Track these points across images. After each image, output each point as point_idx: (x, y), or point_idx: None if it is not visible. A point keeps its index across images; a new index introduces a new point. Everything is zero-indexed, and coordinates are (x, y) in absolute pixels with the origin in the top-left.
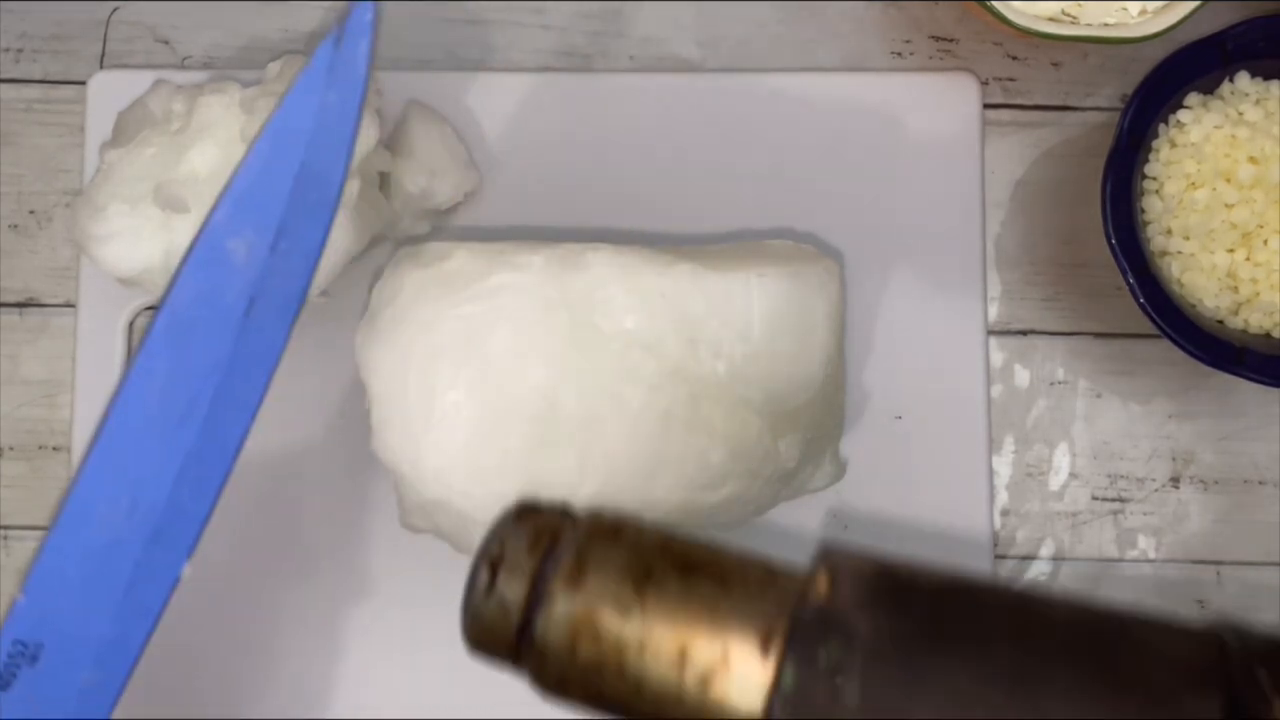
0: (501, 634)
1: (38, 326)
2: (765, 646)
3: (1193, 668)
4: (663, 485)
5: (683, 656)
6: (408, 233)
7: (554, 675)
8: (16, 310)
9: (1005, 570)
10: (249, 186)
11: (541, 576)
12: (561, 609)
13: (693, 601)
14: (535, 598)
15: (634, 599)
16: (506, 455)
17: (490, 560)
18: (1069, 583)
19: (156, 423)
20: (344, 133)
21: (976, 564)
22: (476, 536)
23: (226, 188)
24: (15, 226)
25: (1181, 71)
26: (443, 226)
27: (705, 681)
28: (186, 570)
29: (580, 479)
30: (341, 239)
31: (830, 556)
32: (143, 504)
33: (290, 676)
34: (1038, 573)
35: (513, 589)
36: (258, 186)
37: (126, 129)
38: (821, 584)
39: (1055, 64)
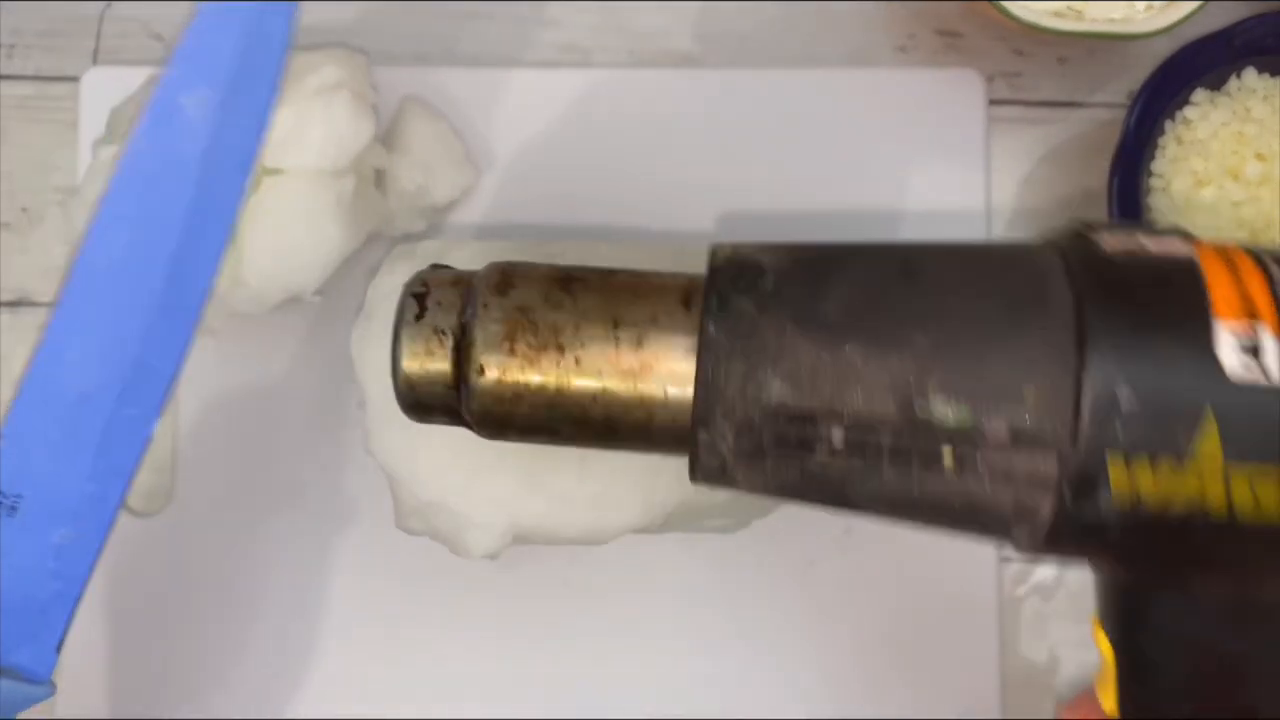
0: (437, 360)
1: (31, 325)
2: (687, 300)
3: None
4: (663, 486)
5: (615, 325)
6: (404, 230)
7: (492, 390)
8: (9, 309)
9: (1011, 571)
10: (199, 46)
11: (470, 294)
12: (495, 313)
13: (616, 288)
14: (468, 314)
15: (562, 293)
16: (503, 457)
17: (415, 294)
18: (1075, 585)
19: (121, 276)
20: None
21: (980, 564)
22: (473, 539)
23: (178, 46)
24: (8, 224)
25: (1188, 67)
26: (439, 224)
27: (639, 341)
28: (156, 429)
29: (580, 480)
30: (336, 236)
31: (721, 245)
32: (111, 359)
33: (287, 677)
34: (1043, 575)
35: (444, 313)
36: (206, 45)
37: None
38: (722, 251)
39: (1061, 60)
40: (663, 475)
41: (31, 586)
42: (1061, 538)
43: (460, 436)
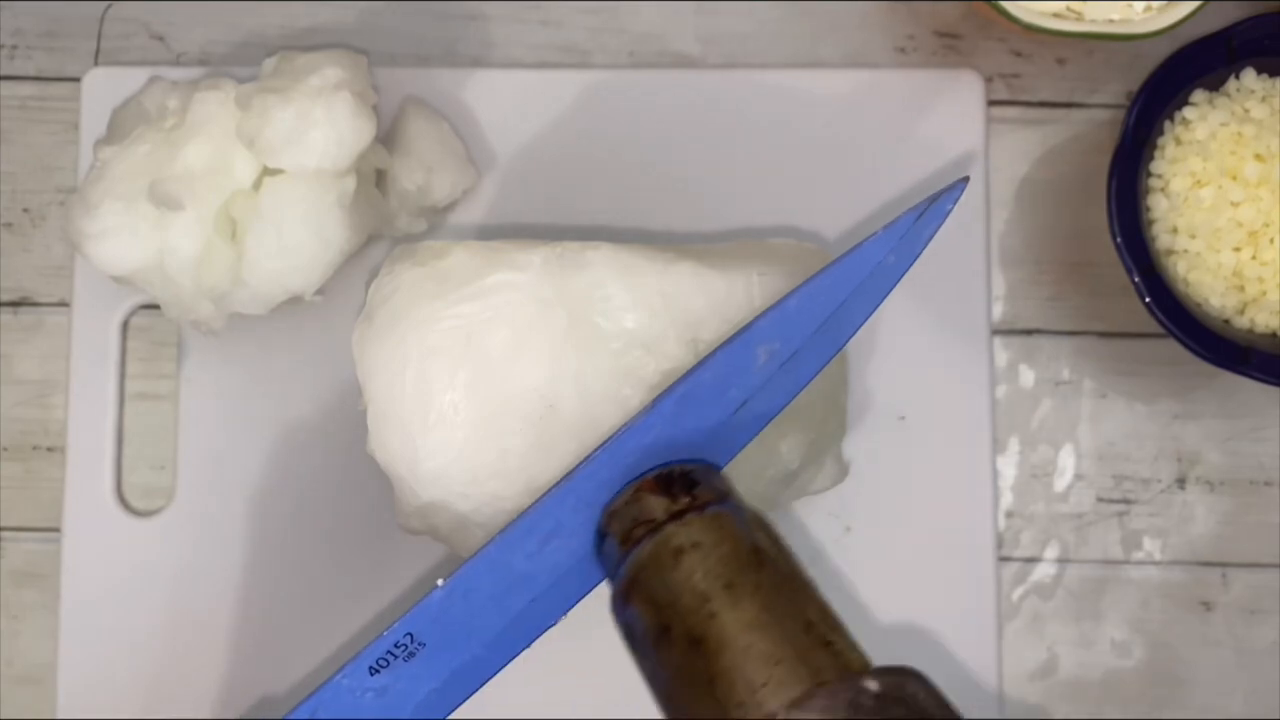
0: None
1: (32, 326)
2: None
3: None
4: None
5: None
6: (405, 230)
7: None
8: (11, 309)
9: (1010, 572)
10: (798, 306)
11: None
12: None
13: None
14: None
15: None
16: (505, 456)
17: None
18: (1074, 585)
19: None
20: (882, 291)
21: (980, 563)
22: (474, 538)
23: (780, 301)
24: (9, 225)
25: (1187, 68)
26: (440, 224)
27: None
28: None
29: None
30: (337, 236)
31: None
32: (562, 551)
33: (287, 677)
34: (1042, 575)
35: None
36: (803, 309)
37: (121, 126)
38: None
39: (1060, 60)
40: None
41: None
42: None
43: (460, 436)
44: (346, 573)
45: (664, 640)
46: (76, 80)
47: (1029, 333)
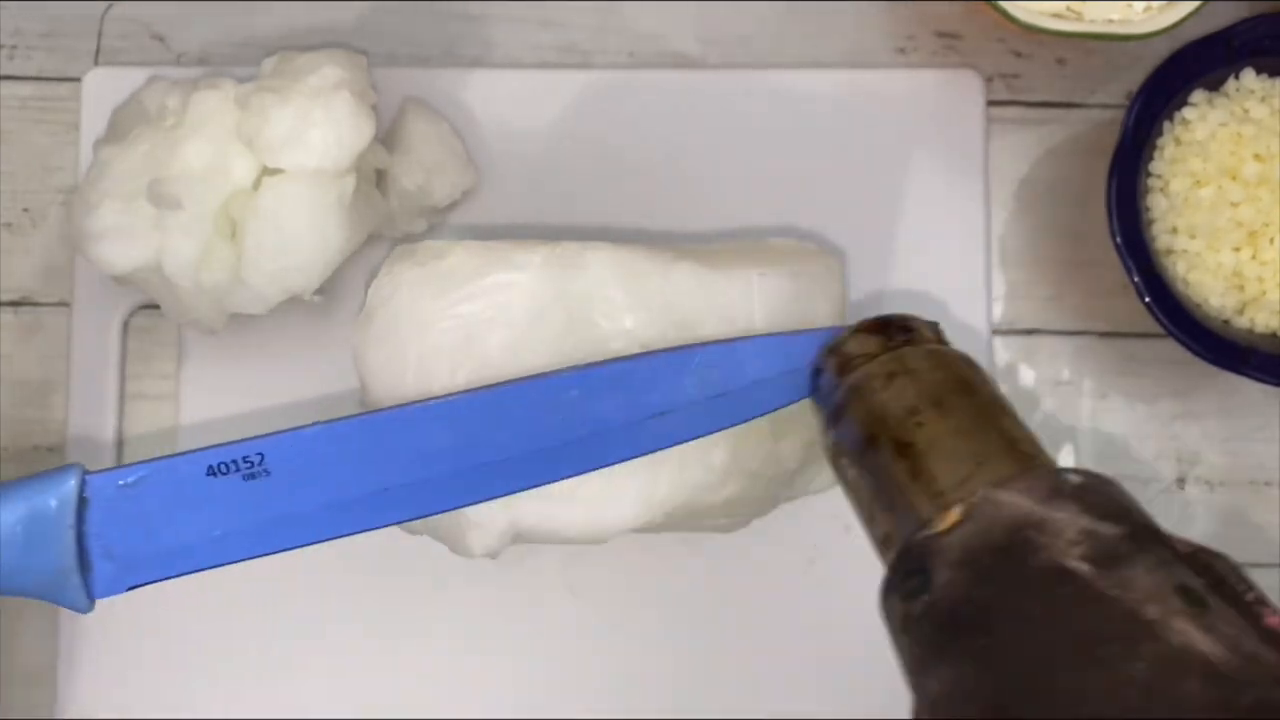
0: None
1: (32, 325)
2: (889, 545)
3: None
4: (664, 486)
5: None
6: (404, 231)
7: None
8: (11, 309)
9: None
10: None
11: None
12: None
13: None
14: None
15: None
16: None
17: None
18: None
19: None
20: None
21: None
22: (473, 539)
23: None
24: (9, 224)
25: (1187, 68)
26: (440, 224)
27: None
28: None
29: (579, 480)
30: (337, 236)
31: (977, 501)
32: None
33: (286, 677)
34: None
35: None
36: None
37: (121, 126)
38: (949, 519)
39: (1060, 60)
40: (663, 475)
41: None
42: None
43: None
44: (346, 572)
45: (871, 448)
46: (76, 80)
47: (1029, 333)
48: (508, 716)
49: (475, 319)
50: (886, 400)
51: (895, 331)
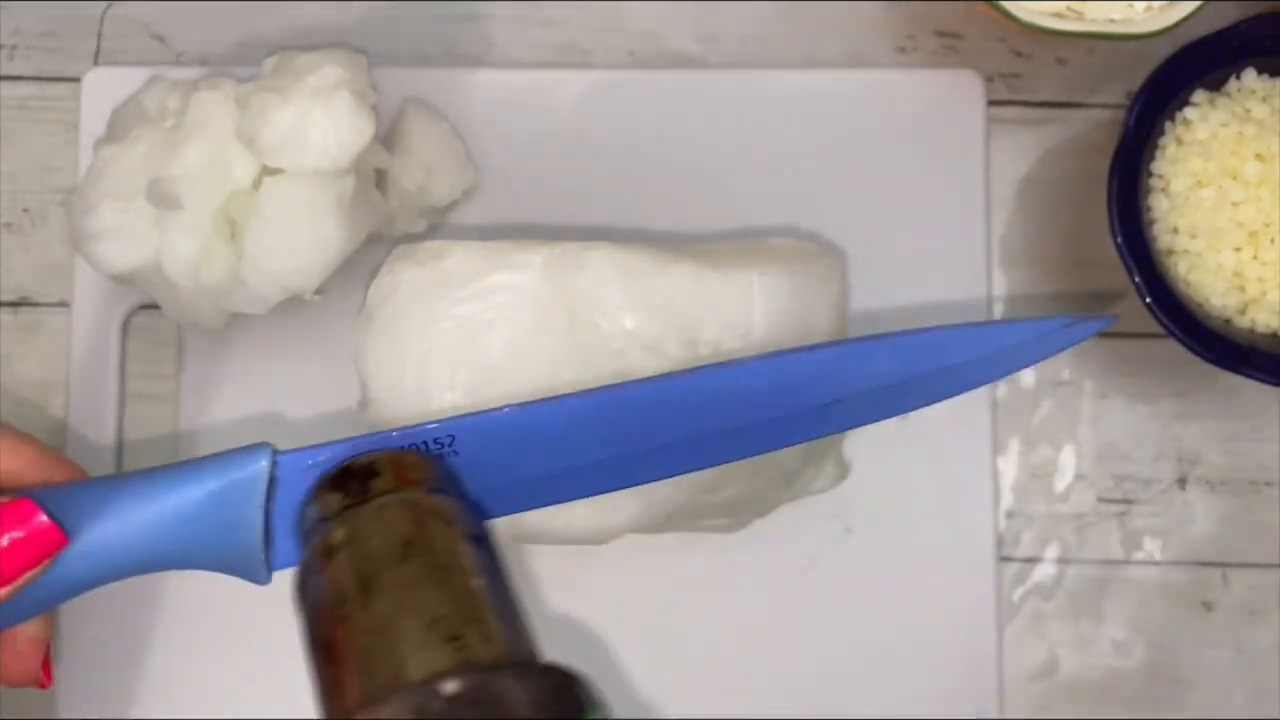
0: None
1: (31, 326)
2: None
3: None
4: (664, 487)
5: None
6: (404, 231)
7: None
8: (10, 309)
9: (1010, 572)
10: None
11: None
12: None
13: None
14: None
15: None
16: None
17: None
18: (1074, 585)
19: None
20: (995, 374)
21: (980, 564)
22: None
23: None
24: (9, 224)
25: (1188, 68)
26: (440, 224)
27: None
28: None
29: None
30: (336, 236)
31: None
32: None
33: (286, 677)
34: (1043, 575)
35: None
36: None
37: (121, 126)
38: None
39: (1060, 60)
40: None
41: None
42: None
43: None
44: None
45: (309, 649)
46: (76, 80)
47: None
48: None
49: (475, 319)
50: (323, 586)
51: (354, 484)
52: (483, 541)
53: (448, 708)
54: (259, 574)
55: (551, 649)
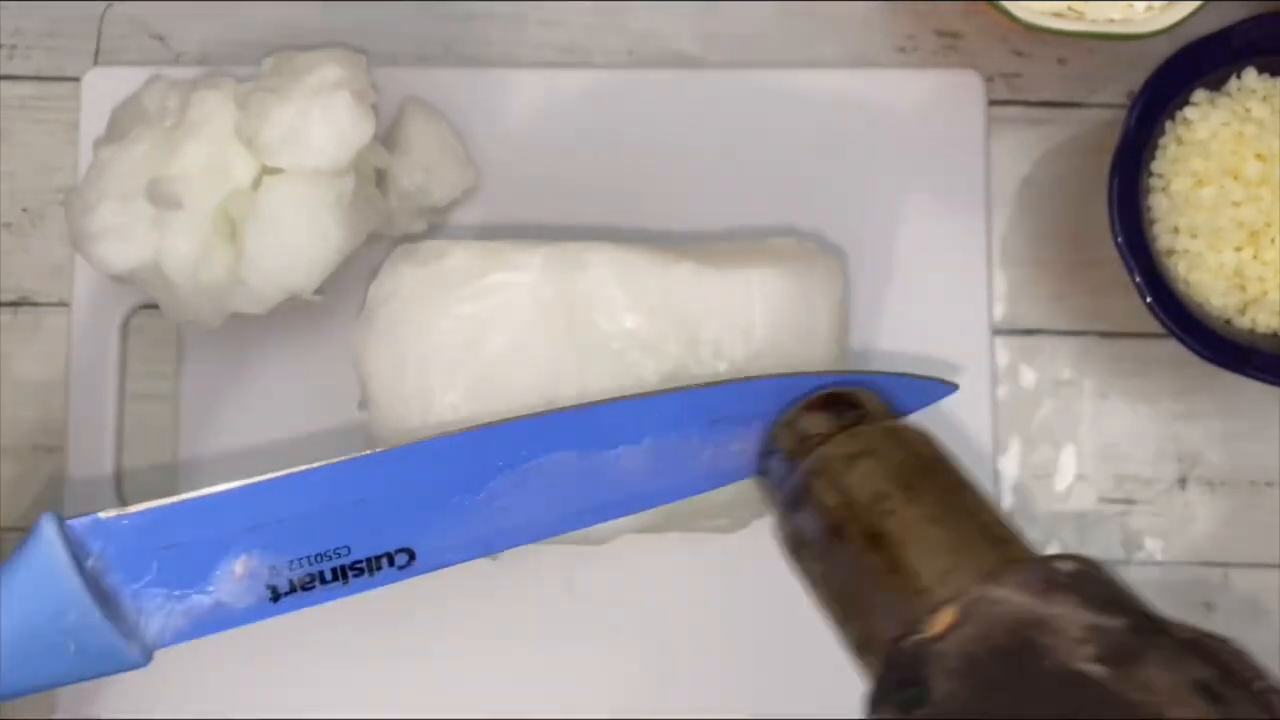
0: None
1: (31, 325)
2: (870, 649)
3: None
4: None
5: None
6: (404, 230)
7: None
8: (10, 309)
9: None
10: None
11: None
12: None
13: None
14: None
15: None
16: None
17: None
18: None
19: None
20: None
21: None
22: None
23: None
24: (9, 224)
25: (1188, 68)
26: (440, 224)
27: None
28: None
29: None
30: (336, 236)
31: (971, 600)
32: None
33: (286, 677)
34: None
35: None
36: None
37: (121, 126)
38: (942, 621)
39: (1061, 60)
40: None
41: None
42: None
43: None
44: None
45: (837, 539)
46: (76, 80)
47: (1030, 333)
48: (508, 716)
49: (475, 319)
50: (851, 485)
51: (845, 408)
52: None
53: (1070, 581)
54: (127, 657)
55: (552, 649)
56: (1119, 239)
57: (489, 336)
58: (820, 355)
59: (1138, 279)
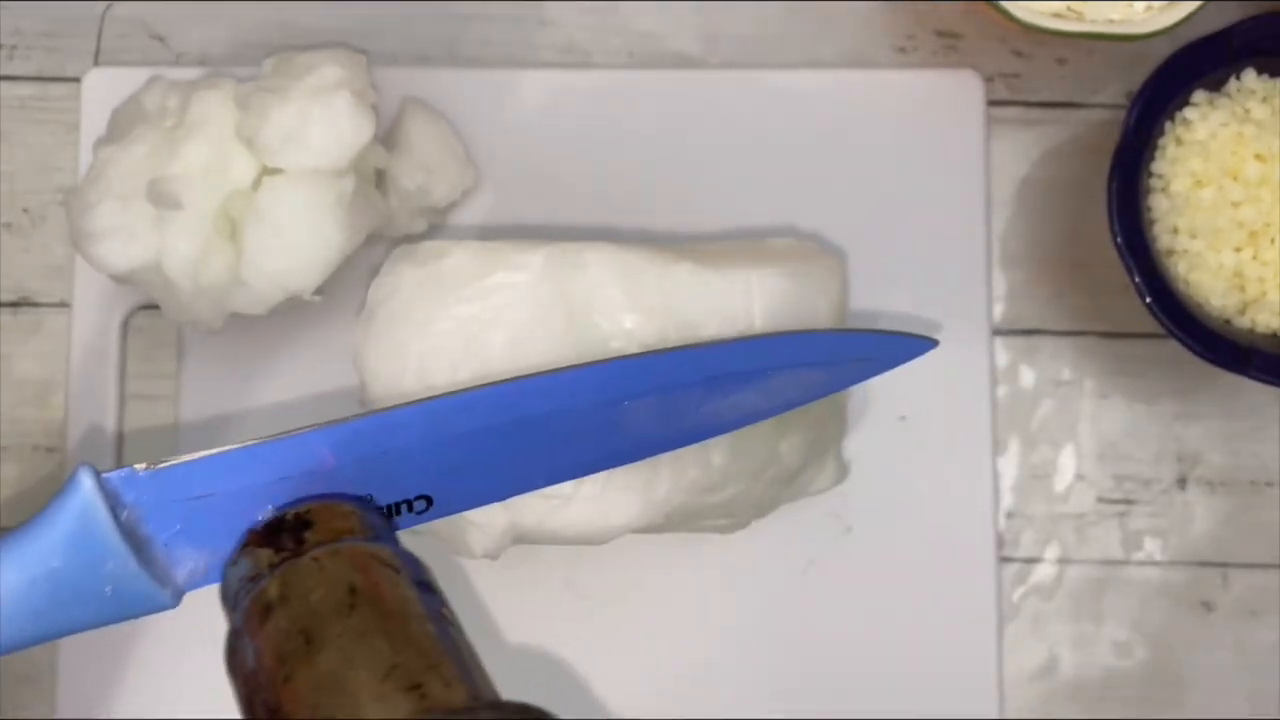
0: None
1: (31, 326)
2: None
3: None
4: (664, 487)
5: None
6: (404, 231)
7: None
8: (10, 309)
9: (1010, 572)
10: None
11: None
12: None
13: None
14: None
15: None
16: None
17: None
18: (1074, 585)
19: None
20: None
21: (980, 564)
22: (473, 539)
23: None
24: (9, 224)
25: (1188, 68)
26: (440, 225)
27: None
28: None
29: (579, 480)
30: (336, 236)
31: None
32: None
33: None
34: (1043, 576)
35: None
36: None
37: (121, 126)
38: None
39: (1060, 60)
40: (662, 475)
41: None
42: None
43: None
44: None
45: (247, 710)
46: (76, 80)
47: (1029, 333)
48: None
49: (475, 319)
50: (259, 648)
51: (287, 537)
52: (429, 587)
53: None
54: (160, 600)
55: (552, 649)
56: (1119, 239)
57: (489, 336)
58: None
59: (1137, 279)
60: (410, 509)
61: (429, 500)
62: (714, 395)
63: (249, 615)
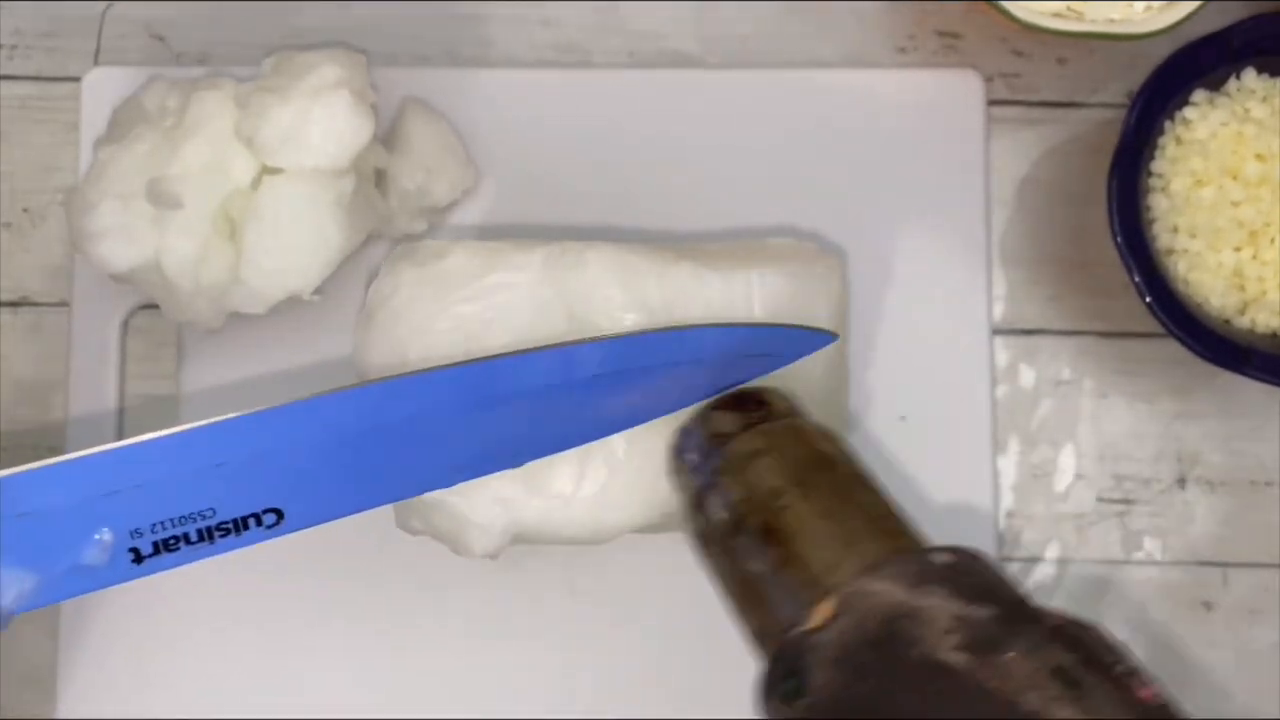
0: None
1: (32, 326)
2: (764, 641)
3: None
4: (664, 487)
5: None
6: (404, 231)
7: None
8: (11, 309)
9: (1010, 572)
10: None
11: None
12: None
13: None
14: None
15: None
16: None
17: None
18: (1074, 585)
19: None
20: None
21: None
22: (473, 539)
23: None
24: (9, 224)
25: (1188, 68)
26: (439, 224)
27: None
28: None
29: (579, 481)
30: (336, 236)
31: (848, 592)
32: None
33: (286, 678)
34: (1043, 575)
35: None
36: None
37: (121, 125)
38: (822, 613)
39: (1060, 60)
40: (662, 475)
41: None
42: None
43: None
44: (345, 573)
45: (737, 534)
46: (76, 80)
47: (1029, 332)
48: (508, 716)
49: (475, 319)
50: (751, 482)
51: (751, 406)
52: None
53: (943, 573)
54: None
55: (552, 649)
56: (1118, 239)
57: (488, 336)
58: (819, 355)
59: (1137, 279)
60: (259, 523)
61: (279, 514)
62: (593, 395)
63: (733, 458)
